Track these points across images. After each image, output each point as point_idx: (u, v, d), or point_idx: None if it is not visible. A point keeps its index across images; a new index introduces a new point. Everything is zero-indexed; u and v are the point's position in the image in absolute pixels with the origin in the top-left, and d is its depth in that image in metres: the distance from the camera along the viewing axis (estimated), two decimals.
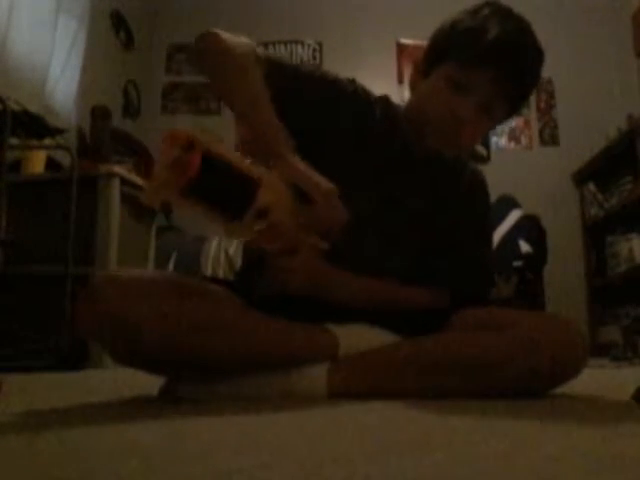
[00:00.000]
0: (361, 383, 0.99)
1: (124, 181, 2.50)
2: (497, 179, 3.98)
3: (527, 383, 0.97)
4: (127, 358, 0.96)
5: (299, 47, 4.36)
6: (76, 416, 0.88)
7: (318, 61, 4.35)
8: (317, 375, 0.98)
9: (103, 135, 2.60)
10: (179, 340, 0.91)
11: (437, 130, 1.04)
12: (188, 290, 0.97)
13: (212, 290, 1.02)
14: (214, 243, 3.30)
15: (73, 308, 1.01)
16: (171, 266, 3.23)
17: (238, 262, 3.07)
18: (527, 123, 4.23)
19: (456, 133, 1.03)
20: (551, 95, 4.22)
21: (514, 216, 3.27)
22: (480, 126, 1.05)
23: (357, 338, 1.03)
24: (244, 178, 0.83)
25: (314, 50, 4.36)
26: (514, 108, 1.08)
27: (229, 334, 0.95)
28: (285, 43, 4.32)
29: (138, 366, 0.99)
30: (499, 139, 4.21)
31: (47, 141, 2.49)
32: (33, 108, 2.34)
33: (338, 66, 4.33)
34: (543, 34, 1.03)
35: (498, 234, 3.21)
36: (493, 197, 4.18)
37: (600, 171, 3.85)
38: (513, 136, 4.22)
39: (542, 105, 4.23)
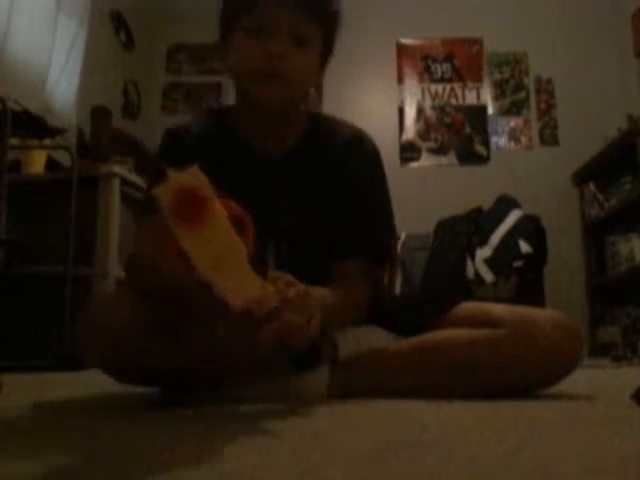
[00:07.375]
0: (361, 384, 1.00)
1: (124, 181, 2.50)
2: (497, 179, 4.01)
3: (523, 382, 0.97)
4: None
5: None
6: (76, 417, 0.88)
7: None
8: (318, 377, 0.99)
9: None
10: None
11: (256, 75, 1.00)
12: None
13: None
14: None
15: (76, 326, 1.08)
16: None
17: None
18: (527, 123, 4.22)
19: (273, 70, 0.99)
20: (551, 95, 4.21)
21: (514, 216, 3.26)
22: (297, 57, 1.01)
23: (356, 341, 1.04)
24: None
25: None
26: (325, 27, 1.05)
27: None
28: None
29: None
30: (499, 139, 4.21)
31: (47, 141, 2.49)
32: (33, 108, 2.34)
33: (338, 66, 4.32)
34: (543, 34, 1.03)
35: (498, 234, 3.20)
36: (493, 197, 4.10)
37: (600, 171, 3.84)
38: (513, 136, 4.21)
39: (542, 105, 4.22)
